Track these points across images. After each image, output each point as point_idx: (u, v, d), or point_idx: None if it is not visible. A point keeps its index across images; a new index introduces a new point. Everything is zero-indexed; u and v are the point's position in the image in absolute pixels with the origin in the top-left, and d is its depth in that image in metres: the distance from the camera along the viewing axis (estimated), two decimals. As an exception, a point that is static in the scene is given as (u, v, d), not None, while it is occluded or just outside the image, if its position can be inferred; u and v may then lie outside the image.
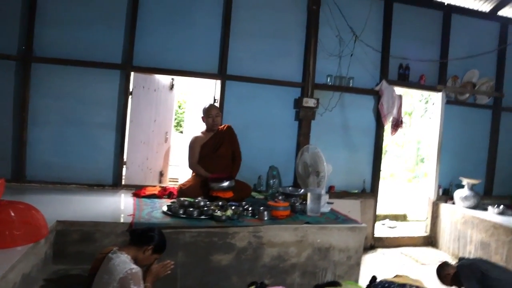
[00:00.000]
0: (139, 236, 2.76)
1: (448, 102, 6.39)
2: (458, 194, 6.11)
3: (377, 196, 6.10)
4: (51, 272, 3.28)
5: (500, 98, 6.62)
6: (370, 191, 6.06)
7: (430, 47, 6.22)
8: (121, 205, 4.30)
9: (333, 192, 5.70)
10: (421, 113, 11.95)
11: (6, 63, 4.76)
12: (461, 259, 3.89)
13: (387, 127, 6.17)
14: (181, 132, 11.63)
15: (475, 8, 6.42)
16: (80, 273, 3.27)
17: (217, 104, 5.28)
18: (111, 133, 5.04)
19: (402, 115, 6.16)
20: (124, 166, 5.10)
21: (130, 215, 3.75)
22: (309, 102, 5.49)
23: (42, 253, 3.12)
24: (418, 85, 6.25)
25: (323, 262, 3.93)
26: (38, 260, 3.03)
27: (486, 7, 6.44)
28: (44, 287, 3.09)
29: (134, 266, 2.54)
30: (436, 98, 6.49)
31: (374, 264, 5.40)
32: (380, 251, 5.95)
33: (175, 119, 10.11)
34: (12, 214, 2.82)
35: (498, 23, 6.58)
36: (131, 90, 5.08)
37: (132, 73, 5.06)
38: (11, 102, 4.79)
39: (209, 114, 4.77)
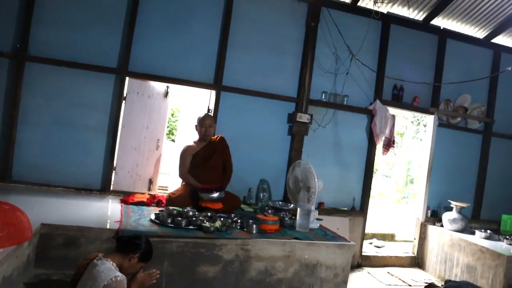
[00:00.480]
0: (126, 243, 2.72)
1: (440, 124, 6.45)
2: (447, 216, 6.13)
3: (366, 214, 6.09)
4: (32, 275, 3.21)
5: (491, 124, 6.70)
6: (359, 209, 6.05)
7: (424, 70, 6.29)
8: (108, 211, 4.24)
9: (322, 209, 5.68)
10: (413, 135, 12.06)
11: (-1, 61, 4.72)
12: (447, 282, 3.88)
13: (379, 146, 6.19)
14: (173, 140, 11.60)
15: (470, 34, 6.52)
16: (62, 278, 3.21)
17: (211, 114, 5.26)
18: (102, 137, 4.99)
19: (394, 135, 6.19)
20: (114, 171, 5.05)
21: (117, 221, 3.70)
22: (303, 118, 5.50)
23: (25, 256, 3.06)
24: (411, 106, 6.30)
25: (310, 279, 3.90)
26: (20, 263, 2.96)
27: (481, 34, 6.55)
28: (25, 291, 3.02)
29: (119, 273, 2.49)
30: (428, 120, 6.55)
31: (361, 283, 5.37)
32: (366, 270, 5.92)
33: (168, 127, 10.07)
34: (-4, 214, 2.76)
35: (492, 50, 6.69)
36: (125, 95, 5.05)
37: (127, 78, 5.03)
38: (2, 100, 4.73)
39: (203, 123, 4.76)
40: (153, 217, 3.88)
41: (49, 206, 4.05)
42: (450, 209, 6.17)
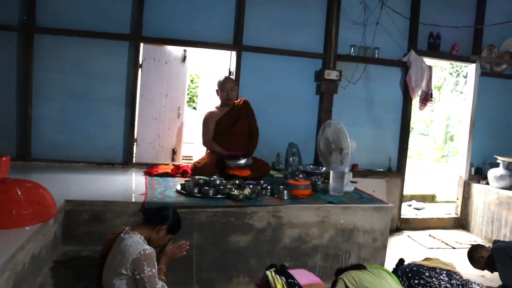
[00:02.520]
0: (153, 215, 2.76)
1: (483, 74, 6.21)
2: (493, 173, 6.00)
3: (403, 175, 6.03)
4: (61, 253, 3.32)
5: (540, 69, 6.43)
6: (396, 170, 5.99)
7: (464, 13, 6.01)
8: (133, 184, 4.33)
9: (356, 171, 5.65)
10: (452, 87, 11.74)
11: (7, 35, 4.74)
12: (495, 242, 3.83)
13: (415, 101, 6.05)
14: (194, 108, 11.65)
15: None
16: (90, 255, 3.30)
17: (232, 77, 5.23)
18: (120, 109, 5.03)
19: (432, 88, 6.02)
20: (135, 143, 5.11)
21: (142, 194, 3.76)
22: (331, 75, 5.41)
23: (51, 233, 3.15)
24: (449, 55, 6.09)
25: (347, 244, 3.92)
26: (47, 240, 3.06)
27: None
28: (54, 268, 3.13)
29: (147, 247, 2.54)
30: (469, 70, 6.33)
31: (401, 247, 5.37)
32: (406, 234, 5.92)
33: (188, 94, 10.09)
34: (19, 192, 2.83)
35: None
36: (140, 62, 5.05)
37: (141, 44, 5.02)
38: (14, 76, 4.79)
39: (224, 87, 4.73)
40: (179, 187, 3.93)
41: (71, 183, 4.14)
42: (497, 165, 6.04)
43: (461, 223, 6.36)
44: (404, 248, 5.37)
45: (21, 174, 3.89)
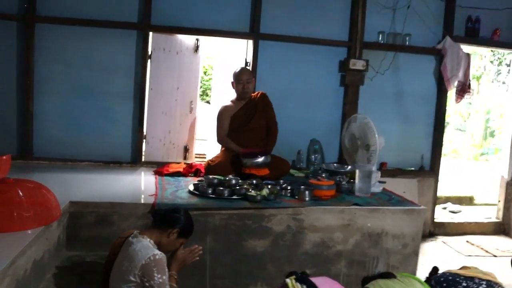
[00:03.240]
0: (163, 217, 2.78)
1: (527, 61, 6.13)
2: (538, 172, 5.92)
3: (437, 174, 5.97)
4: (65, 258, 3.37)
5: None
6: (429, 169, 5.93)
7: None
8: (142, 184, 4.38)
9: (385, 170, 5.60)
10: (493, 77, 11.55)
11: (6, 24, 4.81)
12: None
13: (451, 93, 5.97)
14: (208, 102, 11.68)
15: None
16: (96, 260, 3.35)
17: (249, 68, 5.23)
18: (128, 104, 5.09)
19: (470, 78, 5.95)
20: (144, 140, 5.16)
21: (152, 195, 3.80)
22: (357, 64, 5.38)
23: (55, 237, 3.20)
24: (490, 41, 5.99)
25: (374, 250, 3.90)
26: (50, 245, 3.11)
27: None
28: (57, 275, 3.18)
29: (157, 251, 2.56)
30: None
31: (435, 254, 5.33)
32: (441, 239, 5.86)
33: (201, 87, 10.13)
34: (21, 193, 2.86)
35: None
36: (149, 53, 5.09)
37: (150, 34, 5.06)
38: (14, 69, 4.88)
39: (240, 79, 4.74)
40: (191, 188, 3.95)
41: (76, 183, 4.20)
42: (543, 163, 5.96)
43: (503, 228, 6.26)
44: (438, 255, 5.33)
45: (22, 174, 3.94)
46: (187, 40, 5.34)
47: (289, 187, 4.09)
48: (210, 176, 4.12)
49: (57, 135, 4.98)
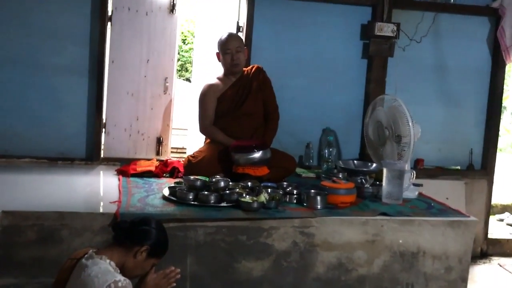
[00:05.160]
0: (128, 232, 2.74)
1: None
2: None
3: (492, 175, 5.98)
4: (-5, 288, 3.34)
5: None
6: (480, 168, 5.96)
7: None
8: (100, 188, 4.36)
9: (422, 169, 5.63)
10: None
11: None
12: None
13: (510, 67, 5.96)
14: (188, 79, 11.67)
15: None
16: (39, 290, 3.33)
17: (240, 35, 5.21)
18: (81, 81, 5.06)
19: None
20: (103, 130, 5.15)
21: (114, 202, 3.77)
22: (385, 29, 5.36)
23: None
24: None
25: (408, 275, 3.90)
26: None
27: None
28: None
29: (120, 277, 2.52)
30: None
31: (489, 281, 5.35)
32: (497, 261, 5.87)
33: (179, 59, 10.09)
34: None
35: None
36: (110, 13, 5.07)
37: (110, -12, 5.06)
38: None
39: (227, 48, 4.71)
40: (166, 192, 3.93)
41: (11, 187, 4.15)
42: None
43: None
44: (494, 282, 5.35)
45: None
46: (160, -3, 5.32)
47: (295, 192, 4.08)
48: (192, 177, 4.10)
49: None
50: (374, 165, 4.81)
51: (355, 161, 5.00)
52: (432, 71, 5.79)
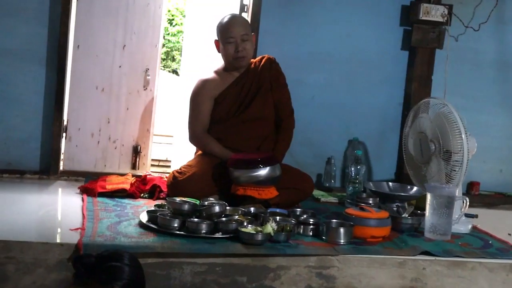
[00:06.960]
0: (94, 269, 2.74)
1: None
2: None
3: None
4: None
5: None
6: (555, 195, 5.95)
7: None
8: (58, 211, 4.36)
9: (477, 195, 5.64)
10: None
11: None
12: None
13: None
14: (175, 71, 11.71)
15: None
16: None
17: (246, 17, 5.25)
18: (36, 71, 5.10)
19: None
20: (64, 135, 5.17)
21: (76, 229, 3.76)
22: (433, 13, 5.40)
23: None
24: None
25: (457, 335, 3.89)
26: None
27: None
28: None
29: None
30: None
31: None
32: None
33: (164, 45, 10.12)
34: None
35: None
36: (75, -15, 5.11)
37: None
38: None
39: (229, 36, 4.73)
40: (144, 218, 3.92)
41: None
42: None
43: None
44: None
45: None
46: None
47: (311, 221, 4.06)
48: (177, 199, 4.08)
49: None
50: (415, 188, 4.82)
51: (390, 183, 5.02)
52: (493, 68, 5.83)
